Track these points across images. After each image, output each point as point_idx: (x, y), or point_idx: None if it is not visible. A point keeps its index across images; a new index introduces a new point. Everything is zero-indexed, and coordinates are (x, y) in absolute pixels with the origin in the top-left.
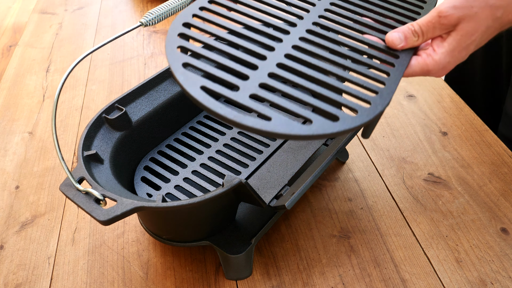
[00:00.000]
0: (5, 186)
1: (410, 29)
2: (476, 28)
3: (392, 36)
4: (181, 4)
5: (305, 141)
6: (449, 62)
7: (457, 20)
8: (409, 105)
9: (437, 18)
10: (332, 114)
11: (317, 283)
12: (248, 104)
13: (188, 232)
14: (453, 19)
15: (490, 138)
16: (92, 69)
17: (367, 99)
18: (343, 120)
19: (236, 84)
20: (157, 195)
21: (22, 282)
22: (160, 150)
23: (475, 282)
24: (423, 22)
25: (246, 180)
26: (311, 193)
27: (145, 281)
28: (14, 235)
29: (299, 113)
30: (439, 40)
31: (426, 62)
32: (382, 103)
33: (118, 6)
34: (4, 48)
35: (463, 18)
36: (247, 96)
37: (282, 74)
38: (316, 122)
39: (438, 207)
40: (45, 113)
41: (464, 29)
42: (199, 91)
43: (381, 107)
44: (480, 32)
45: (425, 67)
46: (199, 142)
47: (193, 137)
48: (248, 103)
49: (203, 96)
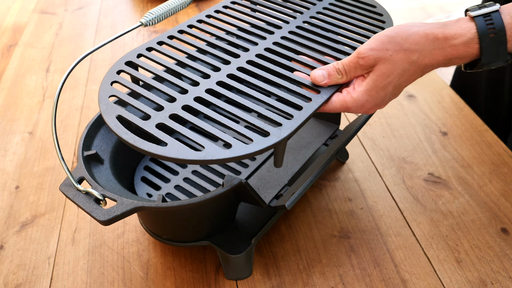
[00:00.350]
0: (5, 186)
1: (335, 67)
2: (391, 70)
3: (315, 74)
4: (181, 4)
5: (305, 141)
6: (367, 100)
7: (374, 62)
8: (409, 105)
9: (356, 58)
10: (226, 142)
11: (317, 283)
12: (152, 132)
13: (188, 232)
14: (370, 60)
15: (490, 138)
16: (92, 69)
17: (267, 130)
18: (235, 148)
19: (149, 114)
20: (157, 195)
21: (22, 282)
22: None
23: (475, 282)
24: (346, 62)
25: (246, 180)
26: (311, 193)
27: (145, 281)
28: (14, 235)
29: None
30: (360, 79)
31: (346, 99)
32: (280, 135)
33: (118, 6)
34: (4, 48)
35: (379, 60)
36: (154, 125)
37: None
38: (207, 148)
39: (438, 207)
40: (45, 113)
41: (380, 70)
42: (114, 119)
43: (277, 138)
44: (396, 74)
45: (344, 103)
46: None
47: None
48: (152, 130)
49: (115, 123)
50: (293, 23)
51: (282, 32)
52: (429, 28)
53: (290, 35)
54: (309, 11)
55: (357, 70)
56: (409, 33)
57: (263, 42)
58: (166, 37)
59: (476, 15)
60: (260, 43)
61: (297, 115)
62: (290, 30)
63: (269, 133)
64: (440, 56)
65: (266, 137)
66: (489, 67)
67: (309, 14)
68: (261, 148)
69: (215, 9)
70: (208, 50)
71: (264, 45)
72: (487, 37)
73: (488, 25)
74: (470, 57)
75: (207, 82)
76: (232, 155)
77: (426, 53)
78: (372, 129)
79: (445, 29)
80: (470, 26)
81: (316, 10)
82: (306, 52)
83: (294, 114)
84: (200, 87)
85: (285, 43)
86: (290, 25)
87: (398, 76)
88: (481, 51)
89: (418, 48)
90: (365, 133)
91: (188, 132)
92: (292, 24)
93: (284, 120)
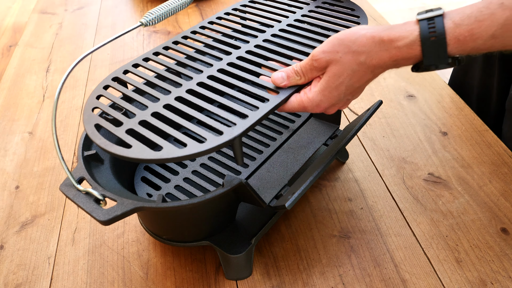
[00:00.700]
0: (5, 186)
1: (293, 69)
2: (342, 71)
3: (275, 76)
4: (181, 4)
5: (305, 141)
6: (321, 100)
7: (326, 63)
8: (409, 105)
9: (311, 61)
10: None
11: (317, 283)
12: (121, 136)
13: (188, 232)
14: (323, 62)
15: (490, 138)
16: (92, 69)
17: (221, 129)
18: (190, 146)
19: (122, 121)
20: (157, 195)
21: (22, 282)
22: None
23: (475, 282)
24: (303, 64)
25: (246, 180)
26: (311, 193)
27: (145, 281)
28: (14, 235)
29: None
30: (316, 80)
31: (302, 99)
32: (232, 133)
33: (118, 6)
34: (4, 48)
35: (331, 62)
36: (124, 131)
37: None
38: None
39: (438, 207)
40: (45, 113)
41: (332, 71)
42: (91, 127)
43: (229, 137)
44: (347, 75)
45: (301, 103)
46: None
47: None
48: (121, 135)
49: (92, 130)
50: (269, 32)
51: (257, 40)
52: (376, 30)
53: (264, 43)
54: (288, 19)
55: (312, 71)
56: (356, 35)
57: (236, 51)
58: (151, 53)
59: (421, 18)
60: (233, 52)
61: (251, 115)
62: (265, 38)
63: (222, 132)
64: (386, 57)
65: (220, 135)
66: (436, 68)
67: (286, 22)
68: (213, 146)
69: (200, 25)
70: (186, 62)
71: (237, 54)
72: (428, 40)
73: (430, 29)
74: (414, 58)
75: (177, 90)
76: (187, 153)
77: (373, 54)
78: (372, 129)
79: (391, 31)
80: (414, 29)
81: (294, 18)
82: (276, 57)
83: (249, 114)
84: (170, 96)
85: (258, 51)
86: (266, 34)
87: (349, 77)
88: (423, 53)
89: (365, 50)
90: (365, 133)
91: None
92: (267, 33)
93: (238, 120)
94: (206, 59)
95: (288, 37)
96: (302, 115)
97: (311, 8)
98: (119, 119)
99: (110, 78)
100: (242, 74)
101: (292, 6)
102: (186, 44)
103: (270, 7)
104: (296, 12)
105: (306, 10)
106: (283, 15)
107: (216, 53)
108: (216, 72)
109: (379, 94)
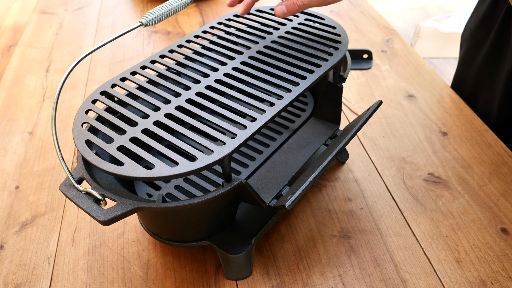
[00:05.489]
0: (5, 186)
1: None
2: None
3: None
4: (181, 4)
5: (305, 141)
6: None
7: None
8: (409, 105)
9: None
10: (174, 160)
11: (317, 283)
12: (113, 153)
13: (188, 232)
14: None
15: (490, 138)
16: (92, 69)
17: (212, 148)
18: (181, 165)
19: (113, 137)
20: (157, 195)
21: (22, 282)
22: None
23: (475, 282)
24: None
25: (246, 180)
26: (311, 193)
27: (145, 281)
28: (14, 235)
29: (145, 157)
30: None
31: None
32: (222, 153)
33: (118, 6)
34: (4, 48)
35: None
36: (116, 147)
37: (154, 129)
38: (157, 166)
39: (438, 207)
40: (45, 113)
41: None
42: (82, 143)
43: (219, 156)
44: None
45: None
46: None
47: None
48: (113, 152)
49: (83, 147)
50: (254, 48)
51: (242, 57)
52: None
53: (250, 60)
54: (271, 36)
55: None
56: None
57: (223, 68)
58: (139, 67)
59: None
60: (220, 68)
61: (240, 134)
62: (250, 55)
63: (213, 151)
64: None
65: (210, 155)
66: None
67: (270, 39)
68: (203, 165)
69: (186, 39)
70: (172, 77)
71: (224, 70)
72: None
73: None
74: None
75: (166, 107)
76: (178, 172)
77: None
78: (372, 129)
79: None
80: None
81: (278, 35)
82: (262, 76)
83: (238, 133)
84: (160, 112)
85: (244, 68)
86: (251, 51)
87: None
88: None
89: None
90: (365, 133)
91: (143, 153)
92: (253, 50)
93: (228, 139)
94: (193, 74)
95: (272, 54)
96: (302, 115)
97: (294, 25)
98: (109, 135)
99: (98, 92)
100: (231, 92)
101: (277, 22)
102: (172, 58)
103: (254, 22)
104: (280, 28)
105: (289, 27)
106: (267, 31)
107: (204, 69)
108: (204, 89)
109: (379, 94)
